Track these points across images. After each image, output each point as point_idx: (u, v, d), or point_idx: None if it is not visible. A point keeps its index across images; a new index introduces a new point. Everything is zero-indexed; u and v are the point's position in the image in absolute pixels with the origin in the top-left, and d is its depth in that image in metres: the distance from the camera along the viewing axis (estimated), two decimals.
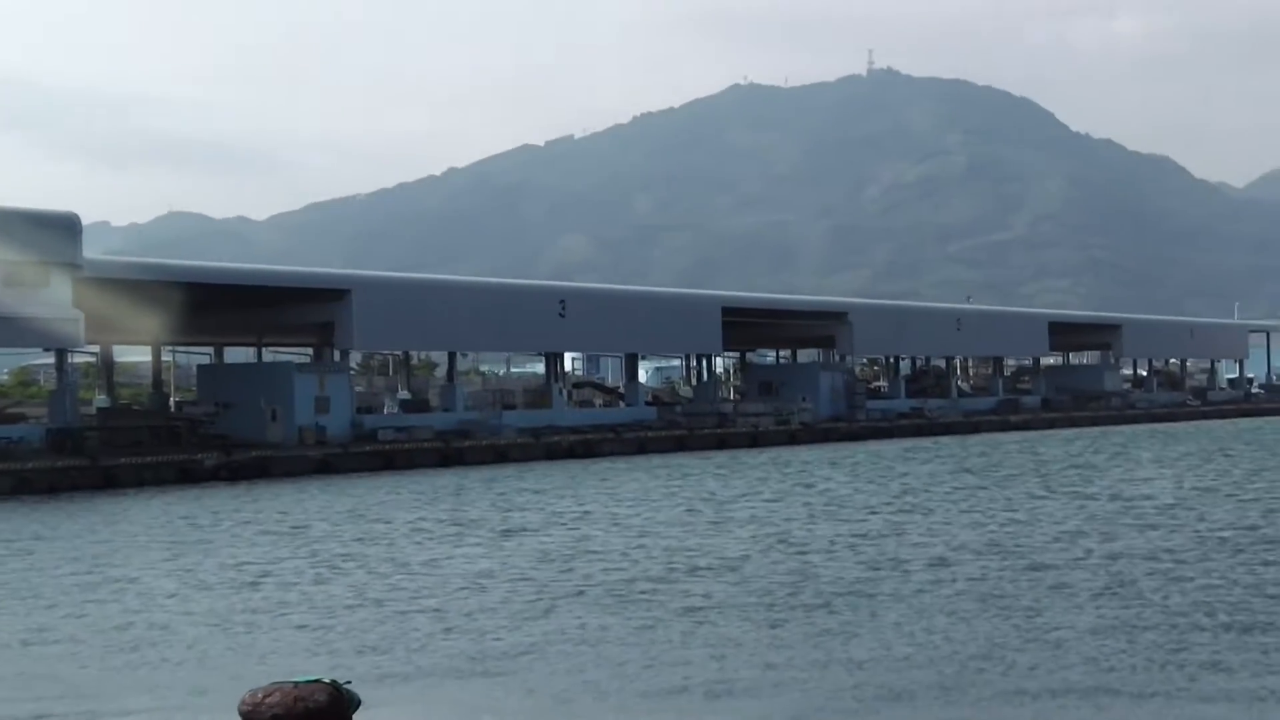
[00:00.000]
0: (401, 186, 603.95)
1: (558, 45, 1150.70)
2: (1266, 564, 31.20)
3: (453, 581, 31.53)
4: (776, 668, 21.16)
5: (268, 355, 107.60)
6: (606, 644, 23.28)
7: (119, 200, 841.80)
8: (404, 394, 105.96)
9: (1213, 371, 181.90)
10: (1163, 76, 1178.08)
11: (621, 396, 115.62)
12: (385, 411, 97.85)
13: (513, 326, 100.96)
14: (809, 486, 59.49)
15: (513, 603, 28.07)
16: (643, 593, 28.90)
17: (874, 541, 37.62)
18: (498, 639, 23.97)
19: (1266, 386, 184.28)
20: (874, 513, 46.42)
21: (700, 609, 26.41)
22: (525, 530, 43.37)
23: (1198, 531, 38.32)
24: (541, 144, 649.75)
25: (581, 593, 29.04)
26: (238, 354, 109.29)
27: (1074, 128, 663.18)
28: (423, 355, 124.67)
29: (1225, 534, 37.55)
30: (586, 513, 48.94)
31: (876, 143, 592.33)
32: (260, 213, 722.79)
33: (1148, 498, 49.93)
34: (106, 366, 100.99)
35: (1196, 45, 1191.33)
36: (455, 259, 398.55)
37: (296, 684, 8.04)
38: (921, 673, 20.52)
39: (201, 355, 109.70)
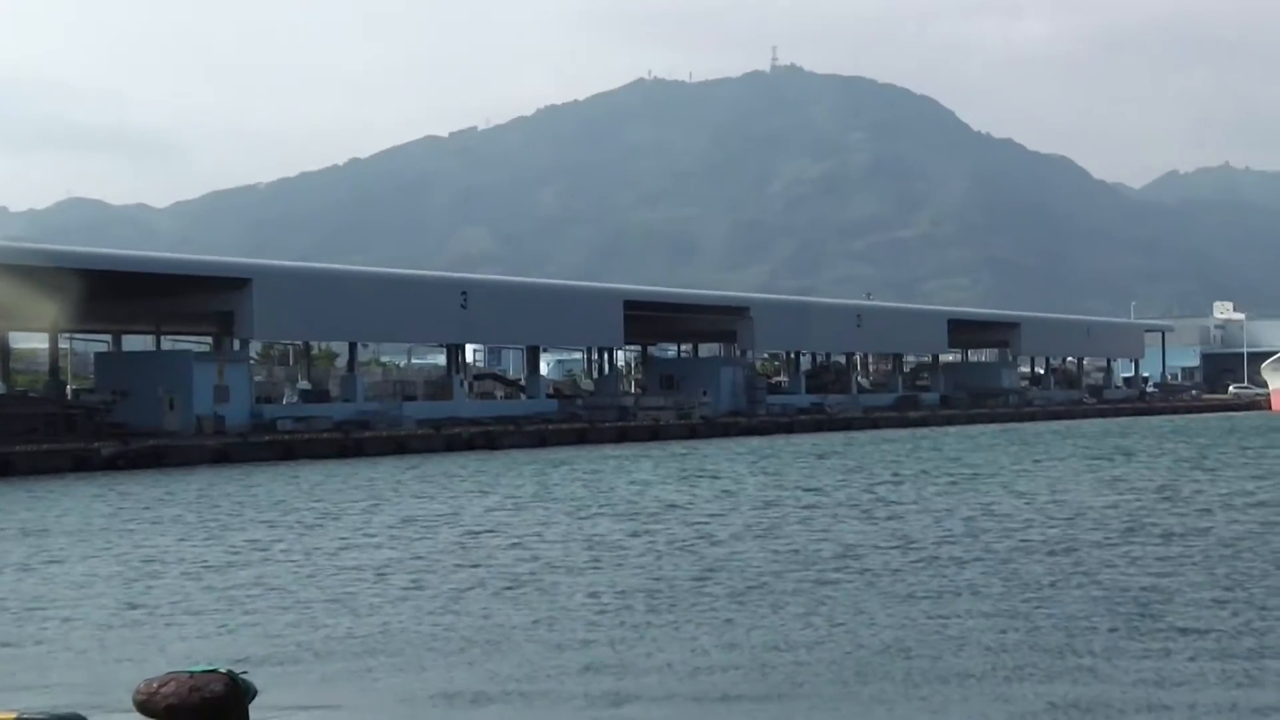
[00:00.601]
0: (304, 176, 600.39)
1: (462, 37, 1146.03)
2: (1159, 559, 31.49)
3: (354, 571, 31.39)
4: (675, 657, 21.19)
5: (167, 344, 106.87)
6: (512, 634, 23.24)
7: (16, 185, 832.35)
8: (304, 384, 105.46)
9: (1109, 370, 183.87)
10: (1064, 78, 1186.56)
11: (523, 389, 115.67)
12: (285, 401, 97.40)
13: (414, 318, 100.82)
14: (714, 479, 59.71)
15: (414, 593, 27.97)
16: (540, 586, 28.88)
17: (773, 537, 37.72)
18: (400, 627, 23.88)
19: (1161, 385, 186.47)
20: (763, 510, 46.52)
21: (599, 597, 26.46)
22: (428, 520, 43.31)
23: (1096, 525, 38.69)
24: (445, 135, 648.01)
25: (482, 584, 28.96)
26: (136, 342, 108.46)
27: (975, 127, 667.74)
28: (323, 345, 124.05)
29: (1109, 528, 37.89)
30: (488, 501, 48.87)
31: (779, 139, 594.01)
32: (160, 200, 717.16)
33: (1027, 494, 50.39)
34: (2, 353, 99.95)
35: (1098, 48, 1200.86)
36: (357, 249, 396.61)
37: (192, 673, 7.97)
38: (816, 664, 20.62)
39: (99, 343, 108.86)
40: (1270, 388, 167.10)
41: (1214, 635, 21.99)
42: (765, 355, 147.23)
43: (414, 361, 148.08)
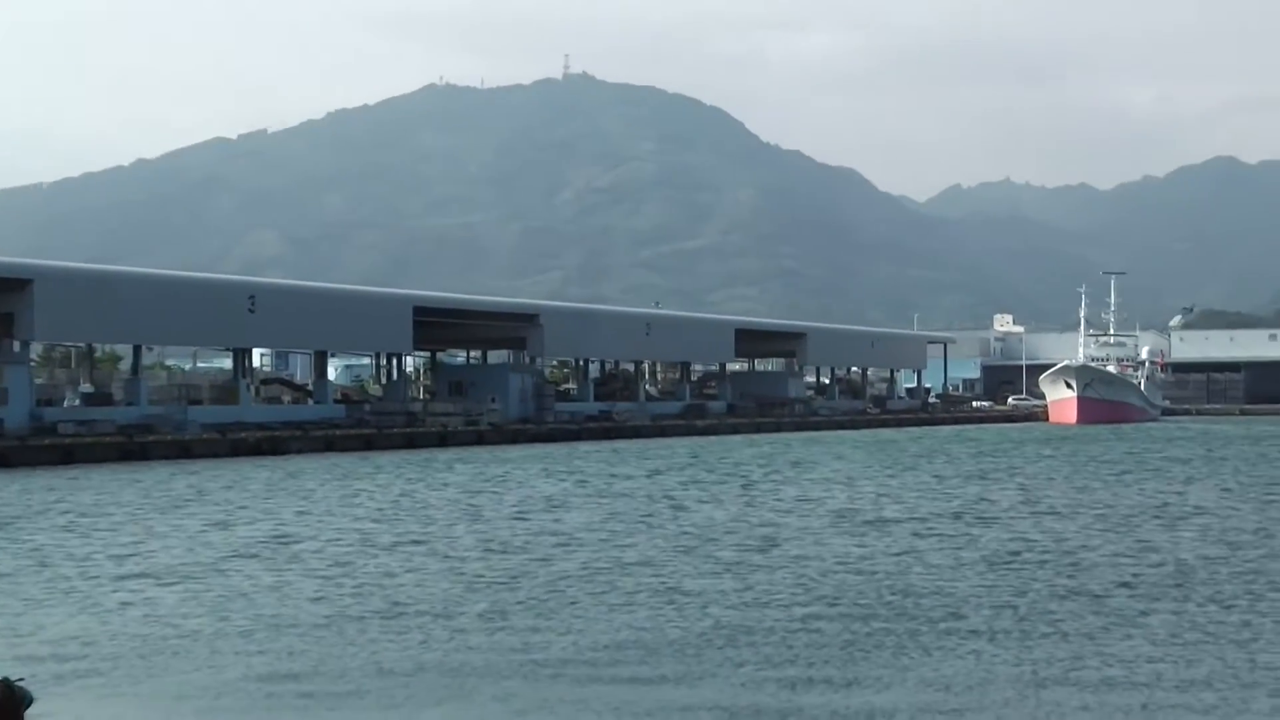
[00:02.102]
0: (88, 176, 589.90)
1: (253, 38, 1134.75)
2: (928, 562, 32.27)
3: (138, 579, 31.16)
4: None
5: None
6: (295, 635, 23.31)
7: None
8: (86, 387, 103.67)
9: (892, 381, 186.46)
10: (852, 92, 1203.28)
11: (310, 394, 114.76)
12: (66, 404, 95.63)
13: (200, 321, 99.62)
14: (519, 485, 59.94)
15: (197, 598, 27.87)
16: (353, 589, 28.94)
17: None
18: (179, 634, 23.83)
19: (943, 396, 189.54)
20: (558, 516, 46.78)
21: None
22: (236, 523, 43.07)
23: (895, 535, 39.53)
24: (234, 138, 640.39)
25: (278, 588, 28.90)
26: None
27: (764, 138, 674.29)
28: (107, 348, 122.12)
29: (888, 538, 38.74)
30: (303, 509, 48.63)
31: (570, 147, 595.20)
32: None
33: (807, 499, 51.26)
34: None
35: (886, 63, 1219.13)
36: (143, 252, 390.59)
37: None
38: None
39: None
40: (1047, 399, 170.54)
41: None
42: (554, 362, 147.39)
43: (199, 365, 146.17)
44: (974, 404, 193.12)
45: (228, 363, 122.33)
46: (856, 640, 22.84)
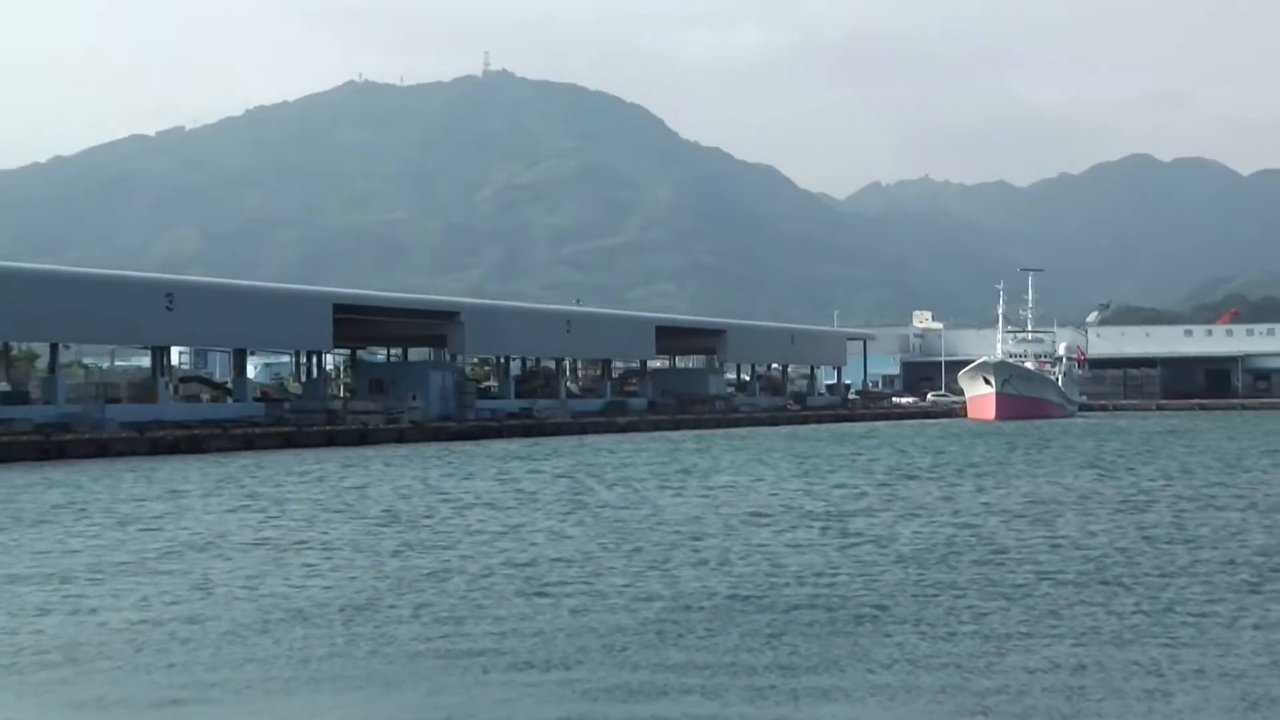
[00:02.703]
0: (3, 174, 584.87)
1: (170, 34, 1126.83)
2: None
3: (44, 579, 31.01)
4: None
5: None
6: (202, 642, 23.28)
7: None
8: (3, 385, 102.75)
9: (812, 377, 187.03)
10: (772, 89, 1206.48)
11: (229, 392, 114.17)
12: None
13: (118, 318, 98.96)
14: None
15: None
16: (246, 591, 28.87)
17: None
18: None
19: (863, 393, 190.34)
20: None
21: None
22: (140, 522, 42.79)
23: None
24: (152, 134, 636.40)
25: (179, 601, 28.72)
26: None
27: (684, 135, 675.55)
28: (23, 346, 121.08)
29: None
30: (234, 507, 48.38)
31: (490, 144, 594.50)
32: None
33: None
34: None
35: (806, 61, 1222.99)
36: (59, 249, 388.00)
37: None
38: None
39: None
40: (966, 395, 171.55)
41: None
42: (475, 360, 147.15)
43: (118, 364, 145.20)
44: (901, 400, 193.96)
45: (146, 361, 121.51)
46: (786, 631, 23.03)
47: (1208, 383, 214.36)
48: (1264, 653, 21.36)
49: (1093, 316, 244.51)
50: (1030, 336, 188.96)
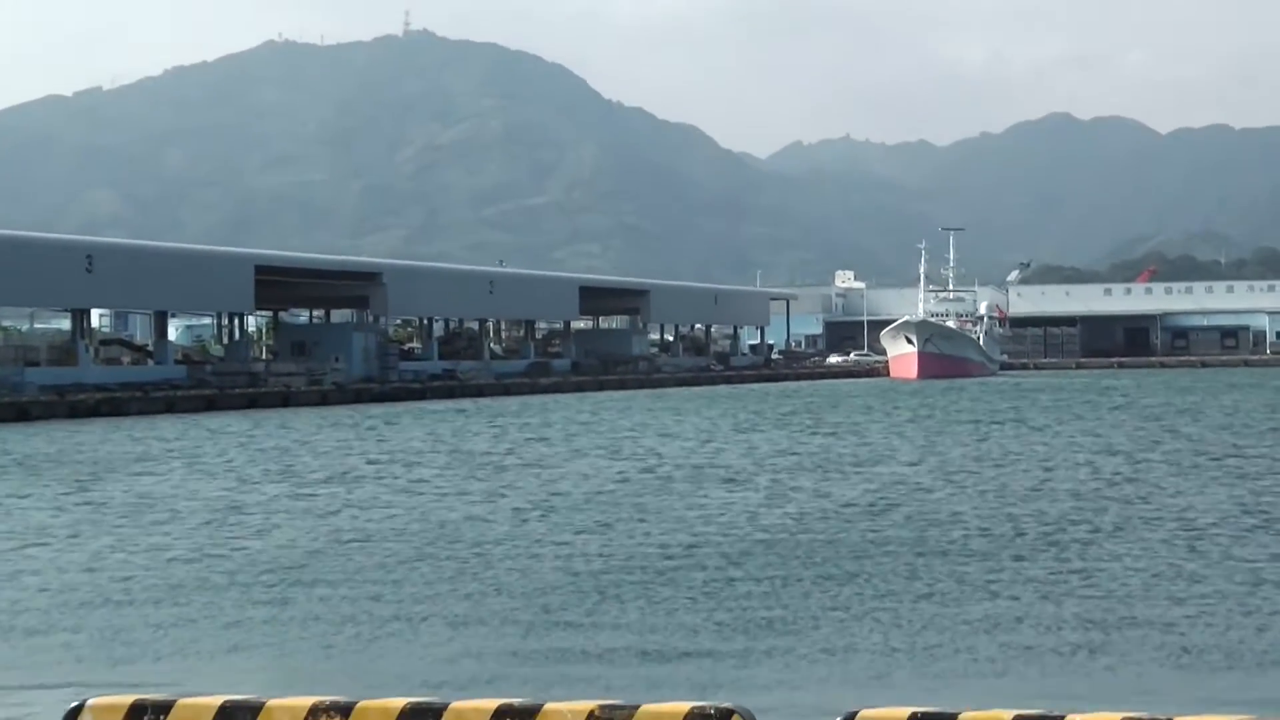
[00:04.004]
0: None
1: None
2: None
3: None
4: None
5: None
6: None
7: None
8: None
9: (735, 337, 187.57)
10: (694, 48, 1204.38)
11: (150, 355, 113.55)
12: None
13: (36, 281, 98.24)
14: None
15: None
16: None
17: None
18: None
19: (785, 353, 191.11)
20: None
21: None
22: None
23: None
24: (69, 95, 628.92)
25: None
26: None
27: (606, 95, 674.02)
28: None
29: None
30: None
31: (411, 104, 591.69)
32: None
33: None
34: None
35: (727, 19, 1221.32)
36: None
37: None
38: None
39: None
40: (888, 355, 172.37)
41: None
42: (398, 321, 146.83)
43: (36, 326, 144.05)
44: (833, 359, 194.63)
45: (66, 323, 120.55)
46: (718, 589, 23.21)
47: (1126, 341, 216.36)
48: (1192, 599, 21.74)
49: (1013, 275, 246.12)
50: (952, 296, 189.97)
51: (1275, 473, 42.53)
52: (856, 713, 9.12)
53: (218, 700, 9.80)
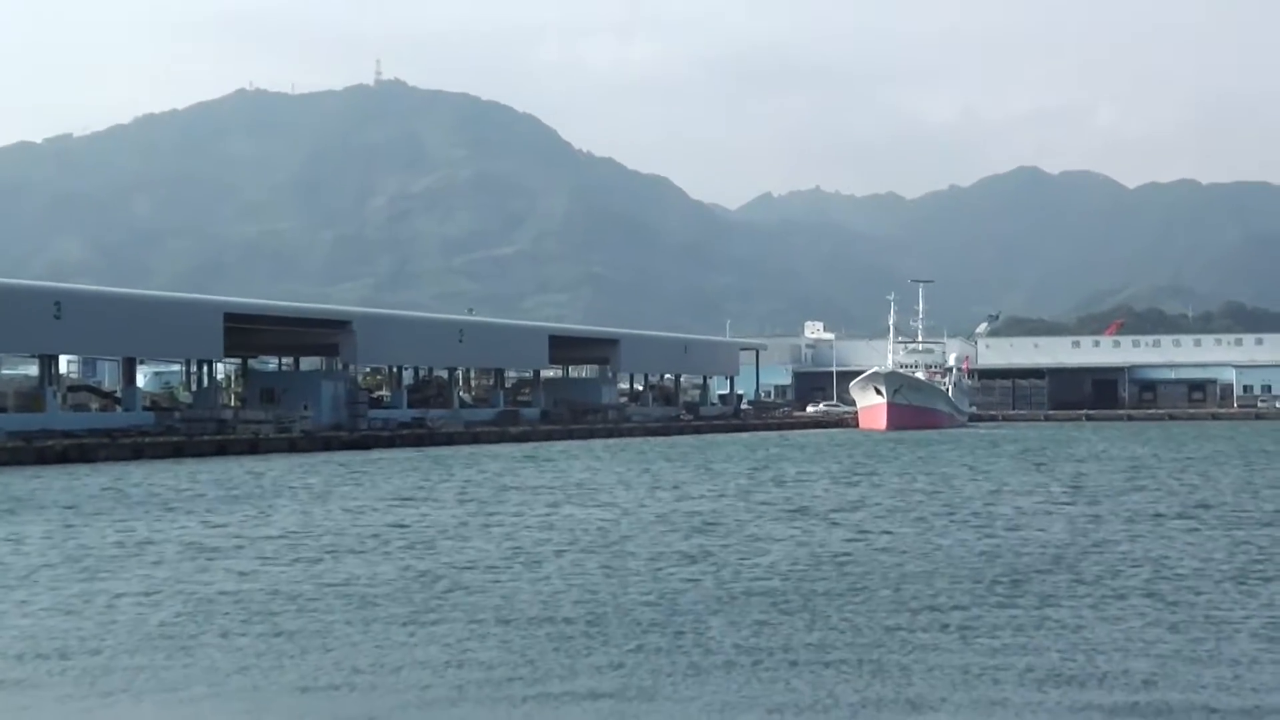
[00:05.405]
0: None
1: (60, 42, 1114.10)
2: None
3: None
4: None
5: None
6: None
7: None
8: None
9: (705, 387, 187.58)
10: (666, 101, 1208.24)
11: (119, 401, 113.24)
12: None
13: (4, 327, 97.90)
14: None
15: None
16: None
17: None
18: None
19: (755, 403, 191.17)
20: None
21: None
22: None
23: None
24: (39, 141, 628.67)
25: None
26: None
27: (576, 146, 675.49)
28: None
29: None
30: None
31: (382, 153, 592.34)
32: None
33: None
34: None
35: (701, 72, 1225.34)
36: None
37: None
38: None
39: None
40: (858, 405, 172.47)
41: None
42: (367, 369, 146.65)
43: (4, 372, 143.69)
44: (808, 409, 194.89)
45: (33, 369, 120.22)
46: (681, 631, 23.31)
47: (1095, 393, 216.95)
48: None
49: (982, 327, 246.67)
50: (921, 347, 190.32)
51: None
52: None
53: None
